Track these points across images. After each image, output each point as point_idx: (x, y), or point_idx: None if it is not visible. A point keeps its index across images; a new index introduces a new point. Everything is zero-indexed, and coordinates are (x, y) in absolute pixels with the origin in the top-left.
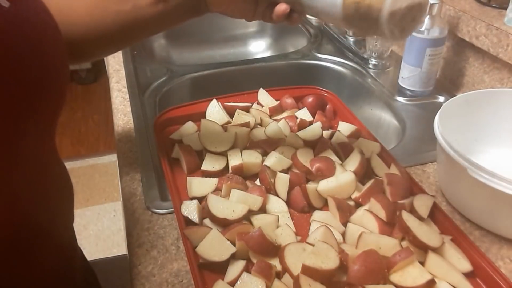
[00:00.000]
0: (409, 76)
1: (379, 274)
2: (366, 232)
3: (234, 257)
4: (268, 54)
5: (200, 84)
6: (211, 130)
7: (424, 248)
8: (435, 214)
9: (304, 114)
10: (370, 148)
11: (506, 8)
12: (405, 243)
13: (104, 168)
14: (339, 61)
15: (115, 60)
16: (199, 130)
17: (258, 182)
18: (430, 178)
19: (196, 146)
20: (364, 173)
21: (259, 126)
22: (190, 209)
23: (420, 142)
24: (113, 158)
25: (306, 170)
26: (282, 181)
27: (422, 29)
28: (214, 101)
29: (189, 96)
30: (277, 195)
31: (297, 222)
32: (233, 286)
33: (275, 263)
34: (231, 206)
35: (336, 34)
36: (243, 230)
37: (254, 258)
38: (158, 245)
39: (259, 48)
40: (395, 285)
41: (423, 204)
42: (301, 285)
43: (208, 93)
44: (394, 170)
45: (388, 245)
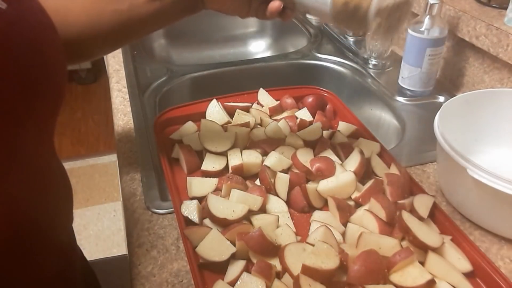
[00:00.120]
0: (409, 76)
1: (379, 274)
2: (366, 232)
3: (234, 257)
4: (268, 54)
5: (200, 84)
6: (211, 130)
7: (424, 248)
8: (435, 214)
9: (304, 114)
10: (370, 148)
11: (506, 8)
12: (405, 243)
13: (104, 168)
14: (339, 61)
15: (115, 60)
16: (199, 130)
17: (258, 182)
18: (430, 178)
19: (196, 146)
20: (364, 173)
21: (259, 126)
22: (190, 209)
23: (420, 142)
24: (113, 158)
25: (306, 170)
26: (282, 181)
27: (422, 29)
28: (214, 101)
29: (189, 96)
30: (277, 195)
31: (297, 222)
32: (233, 286)
33: (275, 263)
34: (231, 206)
35: (336, 34)
36: (243, 230)
37: (254, 258)
38: (158, 245)
39: (259, 48)
40: (395, 285)
41: (423, 204)
42: (301, 285)
43: (208, 93)
44: (394, 170)
45: (388, 245)
